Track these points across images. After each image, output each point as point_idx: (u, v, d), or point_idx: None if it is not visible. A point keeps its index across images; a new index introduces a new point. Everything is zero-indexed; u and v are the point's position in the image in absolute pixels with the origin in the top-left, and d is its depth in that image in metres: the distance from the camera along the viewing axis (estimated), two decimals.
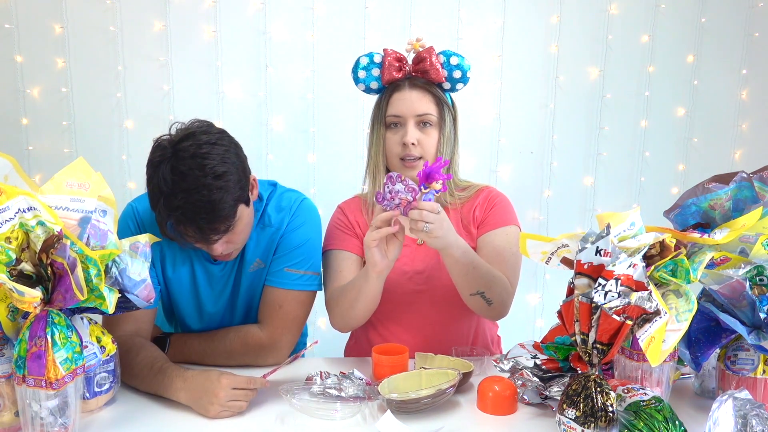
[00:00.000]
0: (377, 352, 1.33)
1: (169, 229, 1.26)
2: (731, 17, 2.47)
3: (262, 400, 1.23)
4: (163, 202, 1.20)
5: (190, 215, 1.19)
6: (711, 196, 1.23)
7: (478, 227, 1.51)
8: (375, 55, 1.47)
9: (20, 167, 1.09)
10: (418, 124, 1.45)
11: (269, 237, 1.44)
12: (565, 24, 2.42)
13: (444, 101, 1.47)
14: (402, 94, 1.45)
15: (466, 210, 1.53)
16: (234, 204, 1.24)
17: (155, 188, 1.22)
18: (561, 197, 2.53)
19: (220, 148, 1.24)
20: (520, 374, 1.24)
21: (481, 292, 1.37)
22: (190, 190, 1.18)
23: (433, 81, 1.46)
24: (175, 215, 1.20)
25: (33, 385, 0.99)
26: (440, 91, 1.47)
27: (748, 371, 1.14)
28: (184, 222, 1.21)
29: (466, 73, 1.46)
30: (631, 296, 0.99)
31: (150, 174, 1.24)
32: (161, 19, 2.26)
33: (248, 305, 1.49)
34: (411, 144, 1.43)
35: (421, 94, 1.45)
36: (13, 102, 2.24)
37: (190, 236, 1.25)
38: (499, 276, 1.40)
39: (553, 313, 1.13)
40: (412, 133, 1.43)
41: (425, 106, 1.44)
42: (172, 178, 1.19)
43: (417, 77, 1.46)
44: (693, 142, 2.54)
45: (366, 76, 1.48)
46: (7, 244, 1.00)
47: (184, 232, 1.24)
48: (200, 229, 1.22)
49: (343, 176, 2.41)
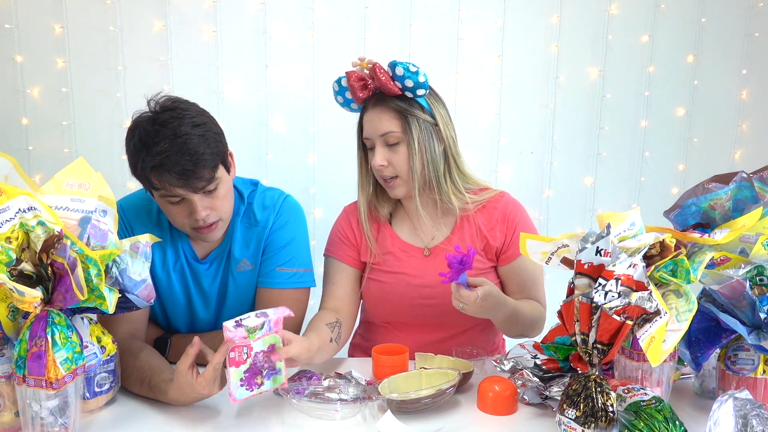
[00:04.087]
0: (377, 352, 1.33)
1: (151, 184, 1.24)
2: (731, 17, 2.47)
3: (263, 400, 1.23)
4: (145, 151, 1.21)
5: (174, 158, 1.20)
6: (711, 196, 1.23)
7: (501, 254, 1.50)
8: (342, 79, 1.44)
9: (20, 167, 1.09)
10: (384, 144, 1.42)
11: (257, 236, 1.43)
12: (565, 24, 2.42)
13: (407, 113, 1.39)
14: (368, 114, 1.43)
15: (483, 222, 1.49)
16: (214, 156, 1.26)
17: (137, 142, 1.23)
18: (561, 197, 2.53)
19: (195, 108, 1.30)
20: (521, 374, 1.24)
21: (523, 334, 1.46)
22: (172, 137, 1.21)
23: (393, 94, 1.40)
24: (158, 159, 1.20)
25: (33, 385, 0.99)
26: (402, 101, 1.40)
27: (749, 371, 1.14)
28: (168, 166, 1.21)
29: (418, 80, 1.35)
30: (632, 296, 0.99)
31: (129, 136, 1.26)
32: (161, 19, 2.26)
33: (237, 307, 1.47)
34: (378, 166, 1.41)
35: (381, 112, 1.40)
36: (13, 102, 2.24)
37: (173, 185, 1.23)
38: (538, 316, 1.47)
39: (553, 313, 1.13)
40: (379, 156, 1.41)
41: (386, 124, 1.40)
42: (153, 128, 1.22)
43: (381, 93, 1.42)
44: (693, 142, 2.54)
45: (344, 100, 1.48)
46: (7, 244, 1.00)
47: (168, 180, 1.22)
48: (184, 173, 1.21)
49: (343, 176, 2.39)
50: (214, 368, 1.11)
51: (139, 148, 1.23)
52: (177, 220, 1.32)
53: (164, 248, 1.42)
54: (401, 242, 1.52)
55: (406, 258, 1.50)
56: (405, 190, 1.45)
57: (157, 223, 1.42)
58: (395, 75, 1.37)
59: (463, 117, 2.40)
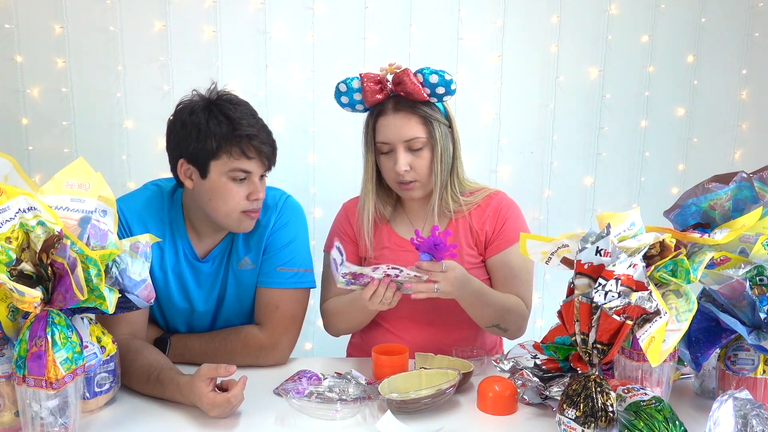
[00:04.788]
0: (377, 352, 1.33)
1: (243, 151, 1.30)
2: (731, 17, 2.47)
3: (263, 400, 1.23)
4: (235, 123, 1.30)
5: (263, 134, 1.33)
6: (711, 196, 1.23)
7: (488, 245, 1.50)
8: (353, 80, 1.43)
9: (20, 167, 1.09)
10: (407, 149, 1.42)
11: (258, 235, 1.44)
12: (565, 24, 2.42)
13: (432, 118, 1.42)
14: (386, 119, 1.42)
15: (475, 219, 1.51)
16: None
17: (217, 114, 1.31)
18: (561, 197, 2.53)
19: None
20: (520, 374, 1.24)
21: (496, 324, 1.44)
22: (253, 116, 1.34)
23: (417, 100, 1.40)
24: (254, 130, 1.31)
25: (33, 385, 0.99)
26: (426, 106, 1.42)
27: (749, 371, 1.14)
28: (263, 138, 1.32)
29: (449, 87, 1.38)
30: (631, 296, 0.99)
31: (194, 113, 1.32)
32: (161, 19, 2.26)
33: (235, 306, 1.48)
34: (403, 171, 1.41)
35: (406, 118, 1.41)
36: (13, 102, 2.24)
37: (263, 155, 1.32)
38: (513, 305, 1.44)
39: (553, 313, 1.13)
40: (402, 160, 1.41)
41: (412, 130, 1.41)
42: (232, 106, 1.33)
43: (400, 96, 1.42)
44: (693, 142, 2.54)
45: (349, 101, 1.46)
46: (7, 244, 1.00)
47: (260, 149, 1.31)
48: (270, 148, 1.34)
49: (343, 176, 2.40)
50: (228, 399, 1.12)
51: (220, 120, 1.30)
52: (234, 200, 1.34)
53: (163, 248, 1.42)
54: (398, 238, 1.53)
55: (403, 253, 1.50)
56: (422, 192, 1.47)
57: (158, 222, 1.42)
58: (427, 82, 1.38)
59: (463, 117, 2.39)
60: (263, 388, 1.28)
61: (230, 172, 1.31)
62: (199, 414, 1.17)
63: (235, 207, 1.34)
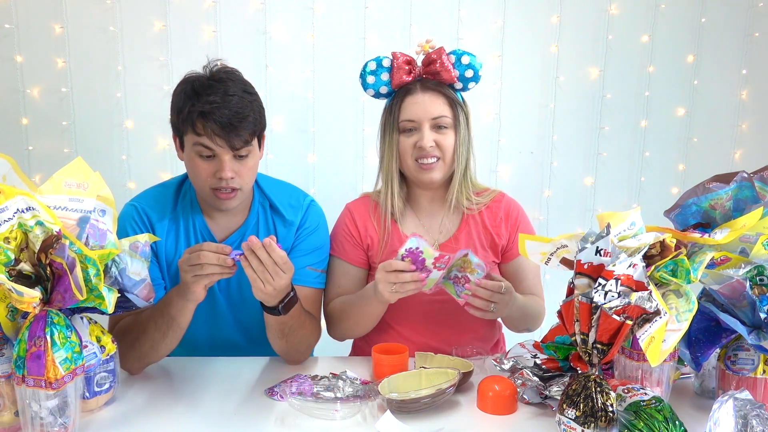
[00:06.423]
0: (377, 351, 1.32)
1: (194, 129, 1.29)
2: (731, 17, 2.47)
3: (263, 400, 1.23)
4: (196, 98, 1.28)
5: (222, 111, 1.28)
6: (711, 195, 1.23)
7: (506, 251, 1.54)
8: (384, 59, 1.45)
9: (18, 167, 1.09)
10: (433, 127, 1.43)
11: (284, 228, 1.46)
12: (565, 24, 2.42)
13: (457, 102, 1.46)
14: (414, 97, 1.44)
15: (489, 219, 1.53)
16: (256, 123, 1.33)
17: (189, 90, 1.30)
18: (561, 197, 2.53)
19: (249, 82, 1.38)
20: (520, 374, 1.24)
21: (528, 328, 1.53)
22: (224, 93, 1.29)
23: (444, 82, 1.44)
24: (208, 107, 1.27)
25: (33, 385, 0.99)
26: (452, 91, 1.46)
27: (749, 371, 1.14)
28: (216, 116, 1.27)
29: (477, 72, 1.45)
30: (631, 296, 0.99)
31: (179, 87, 1.33)
32: (161, 19, 2.26)
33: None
34: (429, 147, 1.42)
35: (434, 97, 1.43)
36: (13, 102, 2.24)
37: (215, 134, 1.28)
38: (539, 308, 1.53)
39: (553, 313, 1.13)
40: (428, 137, 1.42)
41: (439, 108, 1.43)
42: (208, 82, 1.31)
43: (428, 79, 1.45)
44: (693, 142, 2.54)
45: (375, 81, 1.46)
46: (5, 245, 1.00)
47: (212, 128, 1.28)
48: (228, 126, 1.28)
49: (343, 176, 2.41)
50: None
51: (190, 95, 1.30)
52: (201, 176, 1.34)
53: (178, 233, 1.44)
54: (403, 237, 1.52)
55: None
56: (442, 175, 1.47)
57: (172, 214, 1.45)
58: (459, 63, 1.42)
59: None
60: (263, 388, 1.28)
61: (194, 146, 1.32)
62: (199, 414, 1.17)
63: (204, 183, 1.35)
